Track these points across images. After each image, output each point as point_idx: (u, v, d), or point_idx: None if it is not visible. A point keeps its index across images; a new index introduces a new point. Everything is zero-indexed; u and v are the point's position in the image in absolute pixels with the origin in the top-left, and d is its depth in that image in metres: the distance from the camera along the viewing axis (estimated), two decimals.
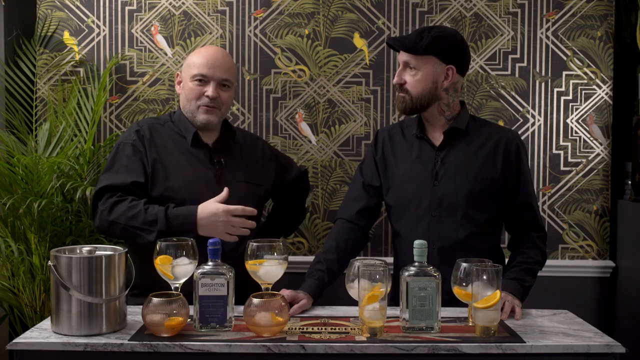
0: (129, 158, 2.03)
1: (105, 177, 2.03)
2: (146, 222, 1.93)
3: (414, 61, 1.98)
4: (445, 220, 2.00)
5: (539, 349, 1.54)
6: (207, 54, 2.09)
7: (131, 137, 2.07)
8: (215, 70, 2.06)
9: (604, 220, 2.78)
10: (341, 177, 2.78)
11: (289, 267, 1.76)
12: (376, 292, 1.57)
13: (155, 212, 1.93)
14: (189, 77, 2.08)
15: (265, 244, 1.70)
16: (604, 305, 2.80)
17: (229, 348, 1.52)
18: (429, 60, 1.98)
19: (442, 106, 2.03)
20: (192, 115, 2.09)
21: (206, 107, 2.06)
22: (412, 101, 2.00)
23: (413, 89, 1.99)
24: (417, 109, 2.02)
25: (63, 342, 1.54)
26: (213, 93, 2.06)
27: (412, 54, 1.98)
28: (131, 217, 1.94)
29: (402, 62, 2.01)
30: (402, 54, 2.01)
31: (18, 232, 2.45)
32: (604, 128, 2.76)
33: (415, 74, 1.99)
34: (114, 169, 2.04)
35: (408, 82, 2.00)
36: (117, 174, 2.02)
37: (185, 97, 2.10)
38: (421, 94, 1.99)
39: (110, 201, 1.97)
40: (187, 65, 2.10)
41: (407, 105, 2.02)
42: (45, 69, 2.77)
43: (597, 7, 2.74)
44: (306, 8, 2.75)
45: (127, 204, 1.96)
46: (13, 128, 2.68)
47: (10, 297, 2.51)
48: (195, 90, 2.07)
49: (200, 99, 2.06)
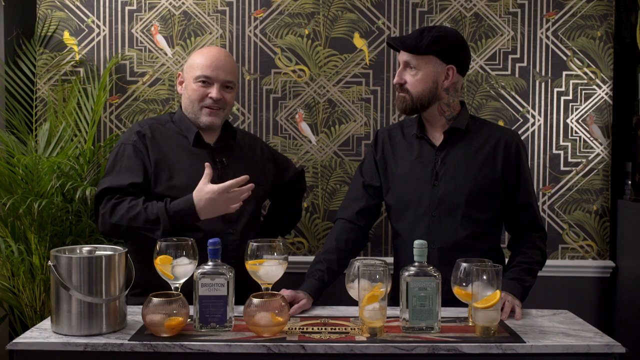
0: (130, 159, 2.03)
1: (105, 180, 2.03)
2: (148, 221, 1.93)
3: (414, 61, 1.98)
4: (445, 220, 2.00)
5: (539, 349, 1.54)
6: (210, 55, 2.08)
7: (132, 137, 2.07)
8: (218, 72, 2.06)
9: (604, 220, 2.78)
10: (341, 177, 2.78)
11: (289, 267, 1.76)
12: (376, 292, 1.57)
13: (155, 211, 1.93)
14: (192, 78, 2.07)
15: (265, 244, 1.70)
16: (604, 305, 2.80)
17: (229, 348, 1.52)
18: (430, 60, 1.97)
19: (443, 106, 2.03)
20: (195, 116, 2.08)
21: (210, 108, 2.06)
22: (412, 101, 2.00)
23: (413, 89, 1.99)
24: (417, 109, 2.02)
25: (63, 342, 1.54)
26: (217, 95, 2.06)
27: (413, 54, 1.98)
28: (132, 218, 1.94)
29: (403, 61, 2.01)
30: (402, 54, 2.01)
31: (18, 232, 2.45)
32: (604, 128, 2.76)
33: (415, 74, 1.99)
34: (114, 172, 2.04)
35: (408, 82, 2.00)
36: (117, 175, 2.02)
37: (188, 98, 2.09)
38: (422, 94, 1.99)
39: (110, 204, 1.97)
40: (190, 66, 2.10)
41: (407, 105, 2.02)
42: (45, 69, 2.77)
43: (597, 7, 2.74)
44: (306, 8, 2.75)
45: (127, 205, 1.96)
46: (13, 128, 2.68)
47: (10, 297, 2.51)
48: (198, 92, 2.06)
49: (204, 100, 2.06)
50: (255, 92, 2.78)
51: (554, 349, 1.55)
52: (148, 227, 1.93)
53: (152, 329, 1.57)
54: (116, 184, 2.00)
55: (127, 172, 2.02)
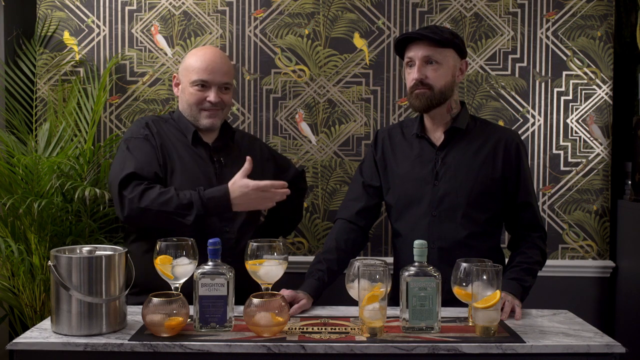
0: (145, 150, 2.02)
1: (128, 166, 1.98)
2: (180, 207, 1.91)
3: (437, 55, 1.95)
4: (445, 220, 2.00)
5: (539, 349, 1.54)
6: (205, 58, 2.07)
7: (142, 131, 2.06)
8: (215, 75, 2.06)
9: (604, 220, 2.78)
10: (341, 177, 2.78)
11: (289, 267, 1.77)
12: (376, 292, 1.57)
13: (188, 196, 1.93)
14: (189, 82, 2.07)
15: (265, 244, 1.70)
16: (604, 305, 2.80)
17: (229, 348, 1.52)
18: (450, 54, 1.97)
19: (452, 102, 2.03)
20: (194, 119, 2.09)
21: (209, 111, 2.07)
22: (435, 96, 1.96)
23: (437, 83, 1.96)
24: (439, 104, 1.99)
25: (63, 342, 1.54)
26: (215, 98, 2.06)
27: (437, 47, 1.95)
28: (164, 202, 1.91)
29: (422, 56, 1.96)
30: (420, 49, 1.96)
31: (18, 232, 2.45)
32: (604, 128, 2.76)
33: (437, 68, 1.96)
34: (135, 159, 1.99)
35: (430, 77, 1.96)
36: (138, 163, 1.98)
37: (185, 102, 2.09)
38: (444, 88, 1.97)
39: (140, 188, 1.93)
40: (186, 69, 2.09)
41: (430, 101, 1.97)
42: (45, 69, 2.77)
43: (597, 7, 2.74)
44: (306, 8, 2.75)
45: (158, 191, 1.93)
46: (13, 128, 2.68)
47: (10, 297, 2.51)
48: (196, 96, 2.06)
49: (202, 103, 2.06)
50: (255, 92, 2.78)
51: (554, 349, 1.55)
52: (180, 211, 1.91)
53: (152, 329, 1.57)
54: (141, 171, 1.97)
55: (147, 162, 2.00)
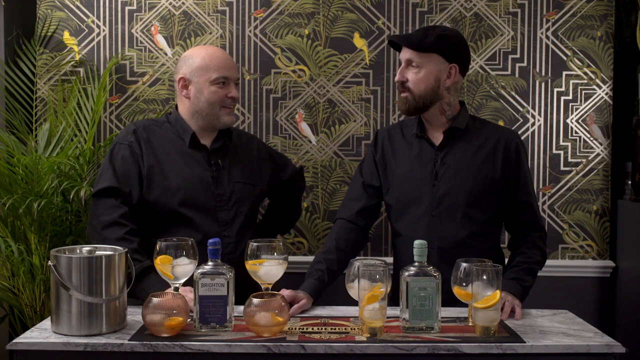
0: (125, 161, 2.02)
1: (105, 178, 2.01)
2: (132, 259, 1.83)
3: (418, 59, 1.97)
4: (445, 220, 2.00)
5: (539, 349, 1.54)
6: (216, 55, 2.09)
7: (128, 138, 2.06)
8: (232, 71, 2.09)
9: (604, 220, 2.78)
10: (341, 177, 2.78)
11: (289, 267, 1.76)
12: (376, 292, 1.57)
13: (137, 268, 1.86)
14: (208, 81, 2.05)
15: (265, 244, 1.70)
16: (604, 305, 2.80)
17: (229, 348, 1.52)
18: (433, 58, 1.97)
19: (444, 105, 2.02)
20: (214, 117, 2.08)
21: (229, 108, 2.09)
22: (414, 100, 1.99)
23: (415, 87, 1.98)
24: (420, 109, 2.00)
25: (63, 342, 1.54)
26: (236, 93, 2.10)
27: (417, 51, 1.96)
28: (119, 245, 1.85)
29: (405, 59, 1.99)
30: (405, 52, 1.99)
31: (18, 232, 2.45)
32: (604, 128, 2.76)
33: (418, 72, 1.98)
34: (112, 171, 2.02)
35: (410, 80, 1.99)
36: (118, 176, 2.01)
37: (206, 101, 2.06)
38: (424, 92, 1.98)
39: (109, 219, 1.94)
40: (201, 69, 2.06)
41: (410, 106, 2.00)
42: (45, 69, 2.77)
43: (597, 7, 2.74)
44: (306, 8, 2.75)
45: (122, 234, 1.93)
46: (13, 128, 2.68)
47: (10, 297, 2.51)
48: (218, 94, 2.06)
49: (223, 100, 2.07)
50: (255, 92, 2.78)
51: (554, 349, 1.55)
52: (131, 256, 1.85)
53: (152, 329, 1.57)
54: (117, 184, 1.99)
55: (124, 174, 2.01)
